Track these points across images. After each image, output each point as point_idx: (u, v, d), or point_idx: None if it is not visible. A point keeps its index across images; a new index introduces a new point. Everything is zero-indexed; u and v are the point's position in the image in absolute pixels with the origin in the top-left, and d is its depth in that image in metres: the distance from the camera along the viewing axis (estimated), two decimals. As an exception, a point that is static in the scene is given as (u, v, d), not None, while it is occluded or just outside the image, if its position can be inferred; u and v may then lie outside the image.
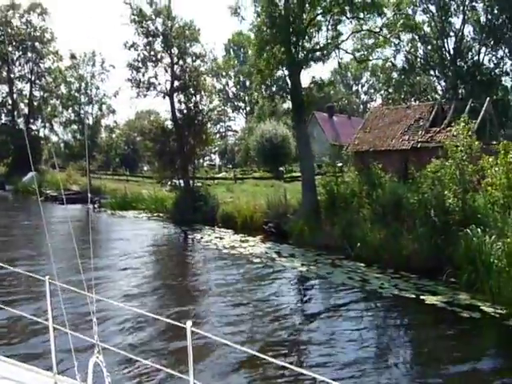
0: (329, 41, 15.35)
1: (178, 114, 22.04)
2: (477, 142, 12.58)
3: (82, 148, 30.27)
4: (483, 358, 6.54)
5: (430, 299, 8.77)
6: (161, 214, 23.17)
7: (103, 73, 30.87)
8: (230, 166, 57.31)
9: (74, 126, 30.98)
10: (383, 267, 11.43)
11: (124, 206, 25.08)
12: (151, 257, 13.89)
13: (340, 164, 48.79)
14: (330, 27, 15.15)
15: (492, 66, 45.95)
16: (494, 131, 33.10)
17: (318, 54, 15.33)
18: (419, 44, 46.90)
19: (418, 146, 27.89)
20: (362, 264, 11.82)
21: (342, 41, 15.51)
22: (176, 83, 21.80)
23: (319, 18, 15.07)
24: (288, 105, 17.20)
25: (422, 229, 11.77)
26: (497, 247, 9.29)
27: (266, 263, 12.20)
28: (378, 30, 15.29)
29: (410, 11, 15.83)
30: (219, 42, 59.35)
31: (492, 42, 43.69)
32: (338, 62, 19.11)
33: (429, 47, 46.87)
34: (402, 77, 48.05)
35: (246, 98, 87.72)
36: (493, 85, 45.41)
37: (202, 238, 16.43)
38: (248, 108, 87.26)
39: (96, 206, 25.78)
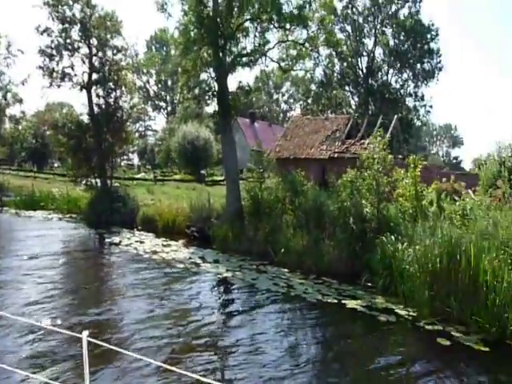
0: (256, 47, 15.53)
1: (95, 109, 20.69)
2: (390, 156, 13.63)
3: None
4: (396, 357, 6.99)
5: (350, 303, 9.18)
6: (74, 215, 21.54)
7: (9, 57, 27.88)
8: (150, 167, 55.43)
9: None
10: (306, 273, 11.77)
11: (31, 205, 22.87)
12: (61, 260, 12.74)
13: (261, 170, 49.81)
14: (257, 34, 15.36)
15: (398, 86, 50.57)
16: (399, 146, 36.35)
17: (245, 59, 15.41)
18: (336, 60, 49.95)
19: (335, 155, 29.60)
20: (286, 270, 12.04)
21: (269, 49, 15.81)
22: (94, 76, 20.49)
23: (247, 24, 15.19)
24: (213, 108, 16.96)
25: (341, 236, 12.36)
26: (408, 254, 10.04)
27: (189, 269, 11.88)
28: (302, 41, 15.82)
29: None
30: (141, 37, 57.20)
31: (398, 65, 48.08)
32: (261, 70, 19.50)
33: (345, 64, 50.14)
34: (321, 89, 50.76)
35: (168, 97, 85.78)
36: (398, 104, 49.98)
37: (120, 241, 15.53)
38: (169, 108, 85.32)
39: (-4, 204, 23.14)
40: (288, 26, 14.86)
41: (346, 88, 52.69)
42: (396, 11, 46.21)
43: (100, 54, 20.32)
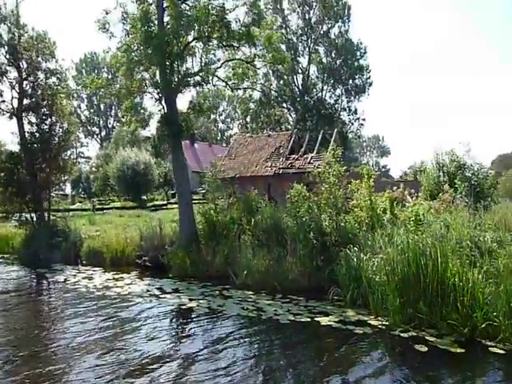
0: (203, 67, 15.30)
1: (28, 138, 19.14)
2: (343, 168, 13.91)
3: None
4: (378, 367, 6.88)
5: (323, 320, 8.99)
6: (6, 255, 19.53)
7: None
8: (85, 196, 52.59)
9: None
10: (272, 293, 11.47)
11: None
12: None
13: (203, 191, 48.97)
14: (203, 54, 15.15)
15: (332, 102, 52.89)
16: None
17: (196, 78, 15.11)
18: (273, 78, 51.29)
19: (280, 171, 29.91)
20: (251, 292, 11.65)
21: (217, 68, 15.64)
22: (26, 101, 18.99)
23: (194, 43, 14.94)
24: (155, 131, 16.39)
25: (303, 251, 12.26)
26: (372, 263, 10.11)
27: (149, 302, 11.06)
28: (249, 60, 15.85)
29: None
30: (67, 58, 54.94)
31: (332, 81, 50.37)
32: (208, 89, 19.30)
33: (281, 82, 51.61)
34: (259, 107, 51.62)
35: (101, 122, 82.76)
36: (333, 118, 52.18)
37: (66, 279, 14.18)
38: (103, 133, 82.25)
39: None
40: (236, 44, 14.81)
41: (284, 105, 54.19)
42: (327, 30, 48.58)
43: (31, 77, 18.90)
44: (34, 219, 19.53)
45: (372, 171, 13.54)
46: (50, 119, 18.88)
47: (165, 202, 39.39)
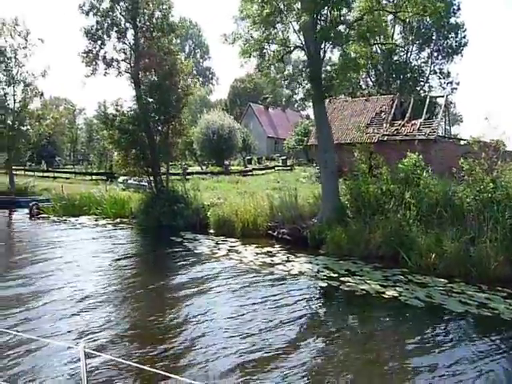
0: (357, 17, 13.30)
1: (144, 99, 18.18)
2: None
3: (4, 138, 24.20)
4: None
5: None
6: (124, 220, 19.17)
7: (26, 47, 25.00)
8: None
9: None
10: (468, 281, 9.78)
11: (72, 210, 20.37)
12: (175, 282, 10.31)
13: (283, 157, 47.16)
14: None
15: (419, 63, 48.45)
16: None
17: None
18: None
19: (385, 138, 27.43)
20: (442, 279, 10.01)
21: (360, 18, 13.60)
22: (143, 61, 17.89)
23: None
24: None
25: (502, 233, 10.36)
26: None
27: (337, 286, 9.54)
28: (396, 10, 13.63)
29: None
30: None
31: (419, 42, 46.00)
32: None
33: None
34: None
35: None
36: (419, 82, 48.06)
37: (212, 251, 13.19)
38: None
39: (34, 211, 20.59)
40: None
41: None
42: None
43: (148, 34, 17.66)
44: (152, 183, 18.89)
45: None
46: (168, 80, 17.65)
47: (249, 168, 38.31)
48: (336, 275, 10.42)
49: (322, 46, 13.78)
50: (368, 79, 52.70)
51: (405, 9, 14.97)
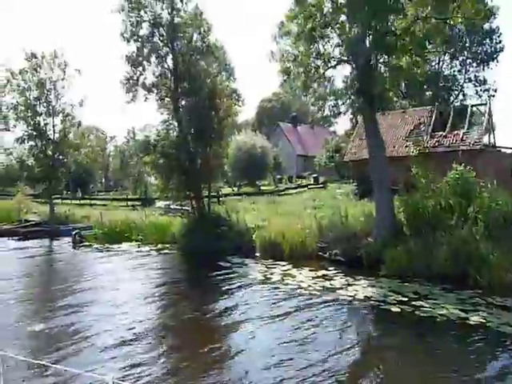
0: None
1: (184, 123, 18.12)
2: None
3: (45, 168, 24.72)
4: None
5: None
6: (167, 245, 18.88)
7: (64, 78, 25.71)
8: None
9: (32, 143, 25.28)
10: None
11: (114, 237, 20.30)
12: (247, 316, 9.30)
13: (314, 175, 46.08)
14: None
15: (452, 72, 47.28)
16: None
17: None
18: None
19: (427, 151, 26.34)
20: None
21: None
22: (182, 84, 17.90)
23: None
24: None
25: None
26: None
27: (412, 313, 8.73)
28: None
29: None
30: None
31: (452, 50, 44.80)
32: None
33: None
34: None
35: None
36: (453, 90, 46.82)
37: (265, 276, 12.61)
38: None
39: (77, 239, 20.65)
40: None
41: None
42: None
43: (187, 57, 17.71)
44: (194, 207, 18.62)
45: None
46: (208, 102, 17.55)
47: (282, 188, 37.80)
48: (406, 299, 9.64)
49: (372, 58, 13.33)
50: (399, 91, 51.90)
51: (456, 14, 14.36)
